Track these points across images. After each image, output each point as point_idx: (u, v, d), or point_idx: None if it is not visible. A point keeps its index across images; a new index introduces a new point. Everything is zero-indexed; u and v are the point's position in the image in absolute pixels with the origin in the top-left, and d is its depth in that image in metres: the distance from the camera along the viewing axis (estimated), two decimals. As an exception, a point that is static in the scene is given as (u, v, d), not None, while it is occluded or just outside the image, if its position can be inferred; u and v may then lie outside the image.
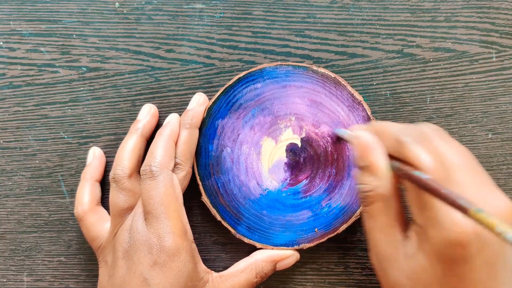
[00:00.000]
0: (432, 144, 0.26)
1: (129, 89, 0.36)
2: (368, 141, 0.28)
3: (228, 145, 0.35)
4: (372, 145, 0.28)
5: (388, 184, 0.27)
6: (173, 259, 0.30)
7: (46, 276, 0.37)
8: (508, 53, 0.35)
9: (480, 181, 0.24)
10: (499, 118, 0.36)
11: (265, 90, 0.34)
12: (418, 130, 0.27)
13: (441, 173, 0.24)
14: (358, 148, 0.28)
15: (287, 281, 0.36)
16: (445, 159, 0.25)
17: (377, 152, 0.27)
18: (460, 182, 0.24)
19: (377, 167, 0.27)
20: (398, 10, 0.35)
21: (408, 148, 0.25)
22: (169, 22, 0.36)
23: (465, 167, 0.25)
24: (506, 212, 0.23)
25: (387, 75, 0.36)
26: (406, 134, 0.26)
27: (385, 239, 0.27)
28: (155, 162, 0.31)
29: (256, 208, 0.34)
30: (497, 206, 0.23)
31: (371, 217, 0.27)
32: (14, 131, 0.36)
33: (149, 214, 0.30)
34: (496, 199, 0.23)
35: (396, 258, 0.26)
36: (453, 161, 0.25)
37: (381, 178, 0.27)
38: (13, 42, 0.36)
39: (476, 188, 0.24)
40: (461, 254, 0.23)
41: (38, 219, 0.37)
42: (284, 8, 0.36)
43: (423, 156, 0.25)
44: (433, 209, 0.24)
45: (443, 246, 0.23)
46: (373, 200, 0.27)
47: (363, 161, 0.28)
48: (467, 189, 0.23)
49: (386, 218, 0.27)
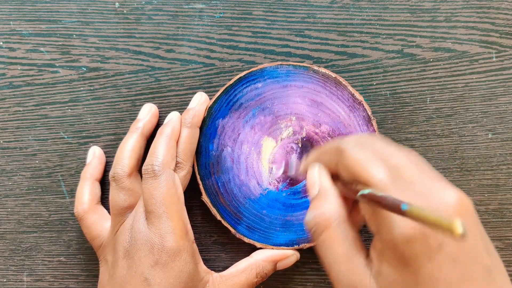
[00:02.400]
0: (373, 148, 0.24)
1: (129, 89, 0.36)
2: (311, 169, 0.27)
3: (229, 145, 0.35)
4: (315, 172, 0.27)
5: (337, 206, 0.25)
6: (174, 259, 0.30)
7: (46, 276, 0.37)
8: (508, 53, 0.35)
9: (427, 176, 0.23)
10: (499, 118, 0.36)
11: (266, 90, 0.34)
12: (357, 138, 0.26)
13: (387, 174, 0.23)
14: (307, 180, 0.27)
15: (287, 281, 0.36)
16: (389, 160, 0.24)
17: (320, 175, 0.26)
18: (408, 180, 0.23)
19: (323, 191, 0.26)
20: (398, 10, 0.35)
21: (349, 154, 0.24)
22: (169, 22, 0.36)
23: (411, 165, 0.23)
24: (456, 204, 0.21)
25: (387, 75, 0.36)
26: (345, 142, 0.25)
27: (348, 269, 0.24)
28: (157, 162, 0.31)
29: (256, 208, 0.34)
30: (447, 199, 0.22)
31: (328, 249, 0.25)
32: (14, 131, 0.36)
33: (151, 213, 0.30)
34: (446, 192, 0.22)
35: (365, 286, 0.24)
36: (397, 160, 0.24)
37: (328, 200, 0.25)
38: (13, 42, 0.36)
39: (424, 184, 0.22)
40: (422, 250, 0.21)
41: (38, 219, 0.37)
42: (284, 8, 0.36)
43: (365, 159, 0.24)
44: (382, 213, 0.22)
45: (401, 247, 0.21)
46: (325, 225, 0.25)
47: (310, 191, 0.27)
48: (416, 186, 0.22)
49: (344, 247, 0.24)
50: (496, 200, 0.36)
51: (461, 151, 0.36)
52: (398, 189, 0.22)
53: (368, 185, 0.23)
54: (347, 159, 0.24)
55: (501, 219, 0.36)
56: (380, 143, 0.25)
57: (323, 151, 0.28)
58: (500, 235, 0.36)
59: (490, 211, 0.36)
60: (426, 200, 0.22)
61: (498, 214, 0.36)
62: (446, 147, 0.36)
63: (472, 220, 0.22)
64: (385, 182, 0.23)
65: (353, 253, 0.24)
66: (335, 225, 0.25)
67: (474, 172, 0.36)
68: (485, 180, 0.36)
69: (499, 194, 0.36)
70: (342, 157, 0.25)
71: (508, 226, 0.36)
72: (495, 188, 0.36)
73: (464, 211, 0.22)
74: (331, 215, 0.25)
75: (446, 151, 0.36)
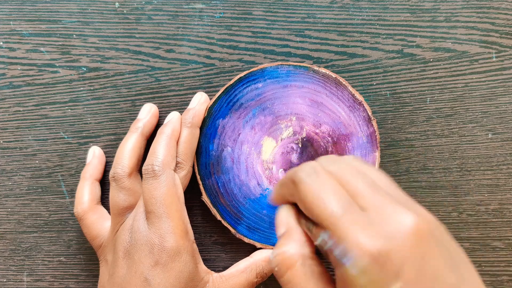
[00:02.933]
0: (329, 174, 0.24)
1: (129, 89, 0.36)
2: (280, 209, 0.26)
3: (229, 145, 0.35)
4: (283, 212, 0.26)
5: (301, 244, 0.24)
6: (174, 259, 0.30)
7: (46, 276, 0.37)
8: (508, 53, 0.35)
9: (383, 201, 0.22)
10: (499, 118, 0.36)
11: (266, 90, 0.34)
12: (314, 165, 0.25)
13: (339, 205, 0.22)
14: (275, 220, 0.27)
15: (287, 281, 0.36)
16: (345, 185, 0.23)
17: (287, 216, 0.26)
18: (362, 207, 0.22)
19: (288, 230, 0.25)
20: (398, 10, 0.35)
21: (302, 186, 0.24)
22: (169, 22, 0.36)
23: (367, 190, 0.23)
24: (411, 228, 0.21)
25: (387, 75, 0.36)
26: (300, 170, 0.25)
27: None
28: (158, 161, 0.31)
29: (256, 208, 0.34)
30: (401, 223, 0.21)
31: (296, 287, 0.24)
32: (14, 131, 0.36)
33: (151, 213, 0.30)
34: (400, 216, 0.21)
35: None
36: (353, 186, 0.23)
37: (292, 239, 0.25)
38: (13, 42, 0.36)
39: (378, 211, 0.22)
40: (379, 281, 0.20)
41: (38, 219, 0.37)
42: (284, 8, 0.36)
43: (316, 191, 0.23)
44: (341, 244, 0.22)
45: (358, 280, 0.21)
46: (288, 264, 0.24)
47: (277, 231, 0.26)
48: (370, 214, 0.22)
49: (310, 284, 0.23)
50: (496, 200, 0.36)
51: (461, 151, 0.36)
52: (350, 219, 0.21)
53: (320, 219, 0.22)
54: (301, 190, 0.24)
55: (501, 219, 0.36)
56: (338, 165, 0.25)
57: (282, 183, 0.27)
58: (500, 235, 0.36)
59: (490, 211, 0.36)
60: (379, 227, 0.21)
61: (498, 214, 0.36)
62: (446, 147, 0.36)
63: (429, 242, 0.21)
64: (336, 215, 0.22)
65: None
66: (299, 264, 0.24)
67: (474, 172, 0.36)
68: (485, 180, 0.36)
69: (499, 194, 0.36)
70: (296, 190, 0.24)
71: (508, 226, 0.36)
72: (495, 188, 0.36)
73: (419, 235, 0.21)
74: (294, 253, 0.24)
75: (446, 151, 0.36)
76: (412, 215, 0.21)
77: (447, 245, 0.22)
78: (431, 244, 0.21)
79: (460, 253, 0.23)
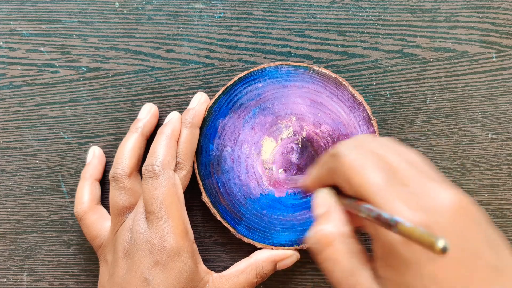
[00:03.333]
0: (368, 149, 0.24)
1: (129, 89, 0.36)
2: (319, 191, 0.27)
3: (229, 145, 0.35)
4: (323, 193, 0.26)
5: (341, 222, 0.25)
6: (174, 259, 0.30)
7: (46, 276, 0.37)
8: (508, 53, 0.35)
9: (423, 176, 0.23)
10: (499, 118, 0.36)
11: (266, 90, 0.34)
12: (353, 141, 0.25)
13: (380, 177, 0.22)
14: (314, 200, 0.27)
15: (287, 281, 0.36)
16: (384, 160, 0.23)
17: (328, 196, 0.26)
18: (402, 181, 0.22)
19: (328, 209, 0.25)
20: (398, 10, 0.35)
21: (343, 159, 0.24)
22: (169, 22, 0.36)
23: (406, 165, 0.23)
24: (451, 205, 0.21)
25: (387, 75, 0.36)
26: (340, 146, 0.25)
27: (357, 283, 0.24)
28: (157, 162, 0.31)
29: (256, 208, 0.34)
30: (442, 200, 0.21)
31: (333, 265, 0.24)
32: (14, 131, 0.36)
33: (151, 214, 0.30)
34: (441, 192, 0.21)
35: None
36: (393, 161, 0.23)
37: (332, 217, 0.25)
38: (13, 42, 0.36)
39: (419, 185, 0.22)
40: (421, 251, 0.21)
41: (38, 219, 0.37)
42: (284, 8, 0.36)
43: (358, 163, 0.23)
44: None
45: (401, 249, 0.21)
46: (327, 242, 0.24)
47: (316, 210, 0.26)
48: (410, 188, 0.22)
49: (349, 262, 0.24)
50: (496, 200, 0.36)
51: (461, 151, 0.36)
52: (391, 193, 0.22)
53: (362, 191, 0.23)
54: (341, 164, 0.24)
55: (501, 219, 0.36)
56: (377, 143, 0.25)
57: (321, 164, 0.27)
58: (500, 235, 0.36)
59: (490, 211, 0.36)
60: (421, 202, 0.21)
61: (498, 214, 0.36)
62: (446, 147, 0.36)
63: (470, 219, 0.21)
64: (378, 187, 0.22)
65: (358, 267, 0.24)
66: (338, 241, 0.24)
67: (474, 172, 0.36)
68: (485, 180, 0.36)
69: (499, 194, 0.36)
70: (337, 163, 0.24)
71: (508, 226, 0.36)
72: (495, 188, 0.36)
73: (460, 211, 0.21)
74: (334, 231, 0.25)
75: (446, 151, 0.36)
76: (453, 192, 0.21)
77: (486, 226, 0.22)
78: (471, 221, 0.21)
79: (498, 235, 0.23)
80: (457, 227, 0.21)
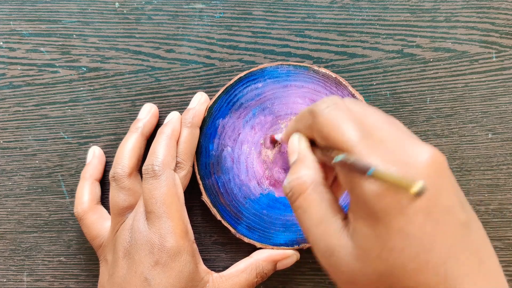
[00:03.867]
0: (346, 108, 0.24)
1: (129, 89, 0.36)
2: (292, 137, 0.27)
3: (229, 145, 0.35)
4: (295, 139, 0.27)
5: (314, 170, 0.25)
6: (174, 259, 0.30)
7: (46, 276, 0.37)
8: (508, 53, 0.35)
9: (400, 135, 0.23)
10: (499, 118, 0.36)
11: (266, 90, 0.34)
12: (331, 99, 0.25)
13: (357, 133, 0.23)
14: (288, 148, 0.27)
15: (287, 281, 0.36)
16: (361, 119, 0.24)
17: (300, 142, 0.26)
18: (380, 139, 0.22)
19: (300, 157, 0.26)
20: (398, 10, 0.35)
21: (321, 115, 0.24)
22: (169, 22, 0.36)
23: (384, 124, 0.23)
24: (427, 160, 0.21)
25: (387, 75, 0.36)
26: (319, 103, 0.25)
27: (324, 231, 0.24)
28: (158, 161, 0.31)
29: (256, 208, 0.34)
30: (419, 155, 0.21)
31: (305, 212, 0.25)
32: (14, 131, 0.36)
33: (151, 213, 0.30)
34: (418, 148, 0.22)
35: (342, 246, 0.23)
36: (370, 120, 0.24)
37: (305, 165, 0.25)
38: (13, 42, 0.36)
39: (396, 142, 0.22)
40: (392, 204, 0.21)
41: (38, 219, 0.37)
42: (284, 8, 0.36)
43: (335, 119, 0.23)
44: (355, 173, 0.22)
45: (372, 201, 0.21)
46: (301, 190, 0.25)
47: (290, 158, 0.27)
48: (388, 144, 0.22)
49: (320, 209, 0.24)
50: (496, 200, 0.36)
51: (461, 151, 0.36)
52: (368, 147, 0.22)
53: (338, 145, 0.23)
54: (319, 119, 0.24)
55: (501, 219, 0.36)
56: (354, 104, 0.25)
57: (300, 116, 0.27)
58: (500, 235, 0.36)
59: (490, 211, 0.36)
60: (397, 157, 0.21)
61: (498, 214, 0.36)
62: (446, 147, 0.36)
63: (444, 176, 0.22)
64: (355, 141, 0.22)
65: (329, 216, 0.24)
66: (311, 189, 0.25)
67: (474, 172, 0.36)
68: (485, 180, 0.36)
69: (499, 194, 0.36)
70: (315, 119, 0.25)
71: (508, 226, 0.36)
72: (495, 188, 0.36)
73: (436, 167, 0.21)
74: (307, 180, 0.25)
75: (446, 151, 0.36)
76: (430, 148, 0.22)
77: (457, 184, 0.23)
78: (446, 178, 0.22)
79: (464, 197, 0.23)
80: (432, 183, 0.21)
